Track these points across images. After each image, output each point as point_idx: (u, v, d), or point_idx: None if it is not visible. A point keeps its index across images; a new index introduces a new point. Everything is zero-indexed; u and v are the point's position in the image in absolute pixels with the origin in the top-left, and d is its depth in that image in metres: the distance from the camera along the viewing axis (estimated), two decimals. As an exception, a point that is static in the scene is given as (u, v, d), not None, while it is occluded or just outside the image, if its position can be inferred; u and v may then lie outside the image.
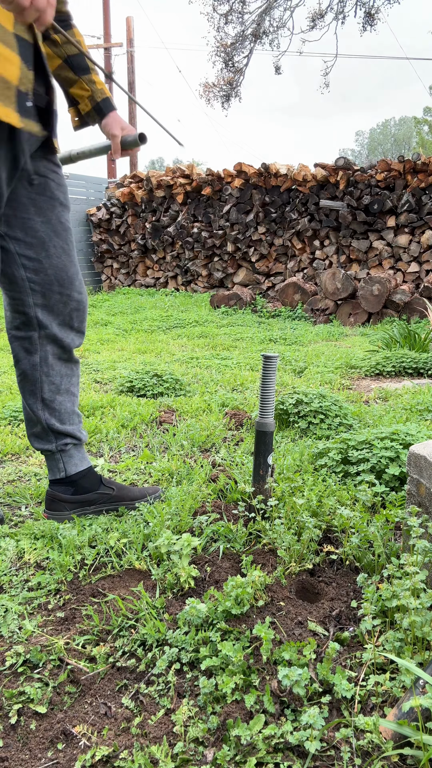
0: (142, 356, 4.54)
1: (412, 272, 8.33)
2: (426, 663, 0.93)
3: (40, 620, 1.17)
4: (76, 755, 0.88)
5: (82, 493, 1.63)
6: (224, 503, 1.65)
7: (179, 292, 10.09)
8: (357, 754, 0.84)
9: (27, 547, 1.42)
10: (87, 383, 3.37)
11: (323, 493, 1.58)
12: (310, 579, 1.27)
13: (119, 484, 1.69)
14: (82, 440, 1.65)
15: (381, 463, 1.72)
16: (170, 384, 3.09)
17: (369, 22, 13.75)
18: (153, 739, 0.89)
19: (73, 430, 1.62)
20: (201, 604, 1.08)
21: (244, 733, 0.85)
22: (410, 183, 8.16)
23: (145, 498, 1.67)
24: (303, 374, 3.82)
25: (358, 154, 52.33)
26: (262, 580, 1.15)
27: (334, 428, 2.30)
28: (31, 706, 0.96)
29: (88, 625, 1.14)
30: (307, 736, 0.84)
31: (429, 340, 4.51)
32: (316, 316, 7.94)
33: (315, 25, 13.99)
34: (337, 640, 1.06)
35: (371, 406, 2.79)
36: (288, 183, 9.03)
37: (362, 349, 4.97)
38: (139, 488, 1.70)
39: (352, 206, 8.48)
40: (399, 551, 1.24)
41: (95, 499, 1.63)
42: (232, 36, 14.26)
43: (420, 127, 43.74)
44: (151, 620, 1.12)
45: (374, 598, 1.08)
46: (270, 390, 1.51)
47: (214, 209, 9.79)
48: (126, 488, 1.68)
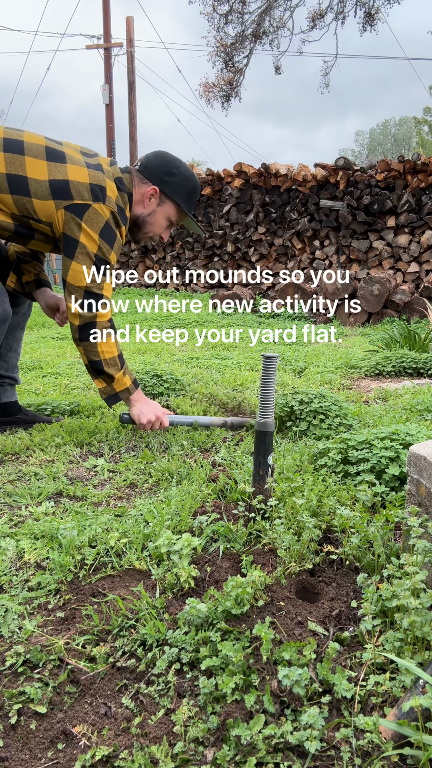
0: (142, 356, 4.54)
1: (412, 272, 8.33)
2: (426, 663, 0.93)
3: (40, 620, 1.17)
4: (76, 755, 0.88)
5: (7, 416, 2.45)
6: (224, 503, 1.65)
7: (179, 292, 10.10)
8: (357, 754, 0.84)
9: (27, 547, 1.42)
10: (87, 383, 3.37)
11: (323, 493, 1.58)
12: (310, 579, 1.27)
13: (32, 412, 2.52)
14: (17, 382, 2.52)
15: (381, 463, 1.72)
16: (170, 384, 3.09)
17: (369, 22, 13.75)
18: (153, 739, 0.89)
19: (14, 375, 2.50)
20: (201, 604, 1.08)
21: (244, 733, 0.85)
22: (410, 183, 8.16)
23: (51, 420, 2.49)
24: (303, 374, 3.83)
25: (358, 154, 52.32)
26: (262, 580, 1.15)
27: (334, 428, 2.30)
28: (31, 706, 0.96)
29: (88, 625, 1.14)
30: (307, 736, 0.84)
31: (429, 340, 4.51)
32: (315, 316, 7.94)
33: (315, 25, 14.00)
34: (337, 640, 1.06)
35: (371, 406, 2.79)
36: (288, 183, 9.03)
37: (362, 349, 4.97)
38: (47, 417, 2.54)
39: (352, 206, 8.48)
40: (399, 551, 1.24)
41: (14, 421, 2.46)
42: (232, 36, 14.26)
43: (420, 127, 43.75)
44: (151, 620, 1.12)
45: (374, 598, 1.08)
46: (270, 390, 1.51)
47: (214, 209, 9.79)
48: (37, 416, 2.51)
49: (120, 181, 2.11)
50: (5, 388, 2.48)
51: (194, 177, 2.24)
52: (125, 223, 2.11)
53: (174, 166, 2.19)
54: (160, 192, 2.16)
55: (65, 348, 5.05)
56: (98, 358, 2.08)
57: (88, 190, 1.99)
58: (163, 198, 2.18)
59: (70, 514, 1.61)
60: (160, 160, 2.19)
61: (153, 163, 2.18)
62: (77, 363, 4.07)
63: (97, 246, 2.00)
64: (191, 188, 2.22)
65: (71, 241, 1.99)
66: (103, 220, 2.00)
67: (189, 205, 2.23)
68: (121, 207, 2.08)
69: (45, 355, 4.51)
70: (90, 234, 1.98)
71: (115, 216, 2.04)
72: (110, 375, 2.10)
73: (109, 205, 2.02)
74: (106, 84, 16.08)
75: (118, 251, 2.10)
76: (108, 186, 2.04)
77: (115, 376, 2.11)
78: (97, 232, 1.99)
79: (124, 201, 2.11)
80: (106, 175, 2.07)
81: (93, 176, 2.03)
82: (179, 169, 2.19)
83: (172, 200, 2.19)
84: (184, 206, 2.21)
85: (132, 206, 2.16)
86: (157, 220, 2.21)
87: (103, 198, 2.01)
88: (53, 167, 1.99)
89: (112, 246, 2.04)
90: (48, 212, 1.98)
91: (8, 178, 1.93)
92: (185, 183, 2.20)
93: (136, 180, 2.16)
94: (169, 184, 2.16)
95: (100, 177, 2.04)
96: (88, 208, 1.98)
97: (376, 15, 13.54)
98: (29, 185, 1.95)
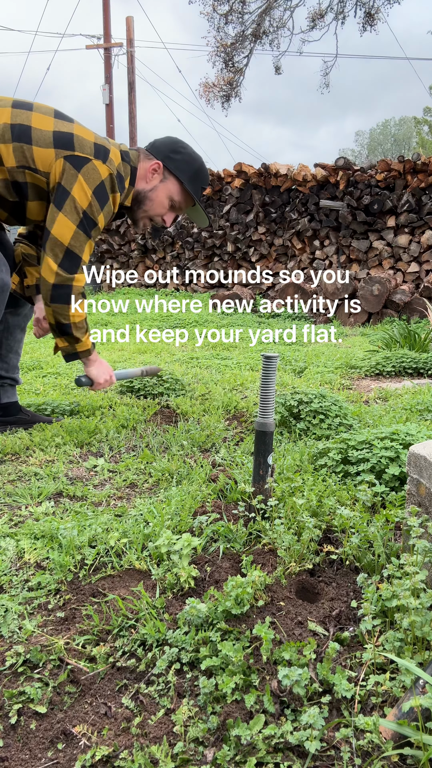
0: (142, 356, 4.54)
1: (412, 272, 8.33)
2: (426, 663, 0.93)
3: (40, 620, 1.17)
4: (76, 755, 0.88)
5: (7, 416, 2.46)
6: (224, 503, 1.66)
7: (179, 292, 10.09)
8: (357, 754, 0.84)
9: (27, 547, 1.42)
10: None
11: (323, 493, 1.58)
12: (310, 579, 1.27)
13: (32, 412, 2.53)
14: (18, 382, 2.52)
15: (381, 463, 1.72)
16: (170, 384, 3.09)
17: (369, 22, 13.76)
18: (153, 739, 0.89)
19: (15, 376, 2.51)
20: (201, 604, 1.08)
21: (244, 733, 0.85)
22: (410, 183, 8.16)
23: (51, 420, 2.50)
24: (303, 374, 3.82)
25: (358, 154, 52.31)
26: (262, 580, 1.15)
27: (334, 428, 2.30)
28: (31, 706, 0.96)
29: (88, 625, 1.14)
30: (307, 736, 0.84)
31: (429, 340, 4.51)
32: (315, 316, 7.94)
33: (315, 25, 14.00)
34: (337, 640, 1.06)
35: (371, 406, 2.79)
36: (288, 183, 9.02)
37: (362, 349, 4.97)
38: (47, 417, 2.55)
39: (352, 206, 8.48)
40: (399, 551, 1.24)
41: (14, 420, 2.46)
42: (232, 36, 14.27)
43: (420, 127, 43.74)
44: (151, 620, 1.12)
45: (374, 598, 1.08)
46: (270, 390, 1.51)
47: (214, 209, 9.79)
48: (37, 415, 2.52)
49: (126, 155, 2.11)
50: (6, 389, 2.49)
51: (201, 160, 2.20)
52: (121, 191, 2.08)
53: (180, 146, 2.17)
54: (163, 167, 2.14)
55: (65, 348, 5.04)
56: (67, 321, 2.06)
57: (91, 147, 1.98)
58: (167, 174, 2.16)
59: (70, 514, 1.61)
60: (169, 140, 2.20)
61: (161, 142, 2.18)
62: (77, 363, 4.07)
63: (88, 202, 1.95)
64: (197, 168, 2.18)
65: (64, 191, 1.94)
66: (99, 178, 1.97)
67: (194, 185, 2.19)
68: (121, 174, 2.07)
69: (45, 355, 4.51)
70: (84, 188, 1.94)
71: (112, 179, 2.01)
72: (76, 337, 2.11)
73: (110, 167, 2.00)
74: (106, 84, 16.09)
75: (108, 217, 2.06)
76: (112, 151, 2.04)
77: (82, 339, 2.12)
78: (91, 188, 1.95)
79: (126, 172, 2.09)
80: (112, 144, 2.07)
81: (99, 138, 2.03)
82: (186, 149, 2.18)
83: (176, 177, 2.15)
84: (187, 185, 2.17)
85: (135, 181, 2.14)
86: (158, 197, 2.17)
87: (104, 158, 1.99)
88: (60, 123, 1.99)
89: (102, 207, 2.00)
90: (47, 161, 1.95)
91: (12, 128, 1.92)
92: (191, 162, 2.17)
93: (142, 156, 2.16)
94: (173, 160, 2.14)
95: (106, 143, 2.04)
96: (87, 162, 1.95)
97: (376, 15, 13.54)
98: (32, 134, 1.93)
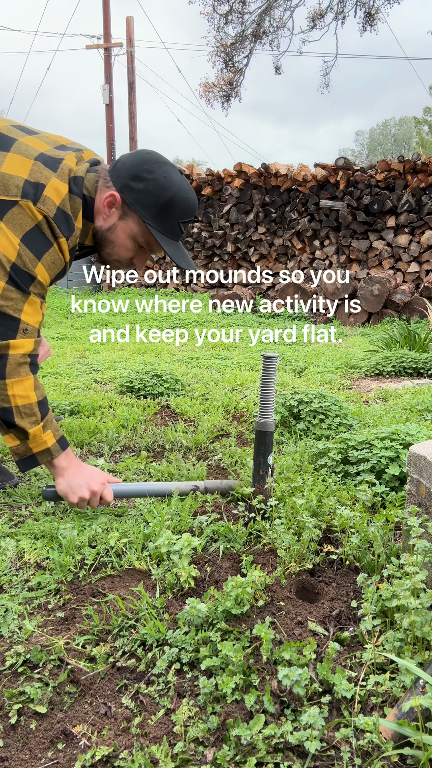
0: (142, 356, 4.55)
1: (412, 272, 8.33)
2: (426, 663, 0.93)
3: (40, 620, 1.17)
4: (76, 755, 0.88)
5: None
6: (224, 503, 1.66)
7: (179, 292, 10.09)
8: (357, 754, 0.84)
9: (27, 547, 1.42)
10: (87, 383, 3.37)
11: (323, 493, 1.58)
12: (310, 579, 1.27)
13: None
14: None
15: (381, 463, 1.72)
16: (170, 384, 3.09)
17: (369, 22, 13.76)
18: (153, 739, 0.89)
19: None
20: (201, 604, 1.08)
21: (244, 733, 0.85)
22: (410, 183, 8.16)
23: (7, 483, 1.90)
24: (303, 374, 3.83)
25: (358, 154, 52.30)
26: (262, 580, 1.15)
27: (334, 428, 2.30)
28: (31, 706, 0.96)
29: (88, 625, 1.14)
30: (307, 736, 0.84)
31: (429, 340, 4.51)
32: (315, 316, 7.94)
33: (315, 25, 14.01)
34: (337, 640, 1.06)
35: (371, 406, 2.80)
36: (288, 183, 9.03)
37: (362, 349, 4.97)
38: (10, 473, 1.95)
39: (352, 206, 8.48)
40: (399, 551, 1.24)
41: None
42: (232, 36, 14.27)
43: (420, 127, 43.75)
44: (151, 620, 1.12)
45: (374, 598, 1.08)
46: (270, 390, 1.51)
47: (214, 209, 9.79)
48: None
49: (77, 182, 1.60)
50: None
51: (176, 188, 1.62)
52: (68, 234, 1.60)
53: (146, 169, 1.61)
54: (121, 200, 1.62)
55: (65, 348, 5.05)
56: (7, 405, 1.52)
57: (18, 186, 1.54)
58: (126, 209, 1.64)
59: (70, 514, 1.61)
60: (135, 159, 1.64)
61: (124, 162, 1.64)
62: (77, 363, 4.07)
63: (15, 253, 1.53)
64: (167, 200, 1.61)
65: None
66: (30, 223, 1.54)
67: (162, 224, 1.63)
68: (65, 213, 1.59)
69: (45, 355, 4.50)
70: (8, 237, 1.52)
71: (49, 222, 1.56)
72: (21, 429, 1.54)
73: (43, 208, 1.54)
74: (106, 84, 16.08)
75: (54, 268, 1.60)
76: (51, 185, 1.56)
77: (29, 431, 1.54)
78: (18, 235, 1.53)
79: (75, 207, 1.61)
80: (60, 172, 1.58)
81: (35, 171, 1.57)
82: (152, 173, 1.61)
83: (137, 213, 1.63)
84: (151, 223, 1.63)
85: (93, 216, 1.67)
86: (118, 239, 1.67)
87: (35, 198, 1.54)
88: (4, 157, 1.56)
89: (40, 257, 1.56)
90: None
91: None
92: (156, 193, 1.61)
93: (101, 182, 1.64)
94: (132, 190, 1.61)
95: (45, 174, 1.56)
96: (12, 206, 1.53)
97: (376, 15, 13.55)
98: None
